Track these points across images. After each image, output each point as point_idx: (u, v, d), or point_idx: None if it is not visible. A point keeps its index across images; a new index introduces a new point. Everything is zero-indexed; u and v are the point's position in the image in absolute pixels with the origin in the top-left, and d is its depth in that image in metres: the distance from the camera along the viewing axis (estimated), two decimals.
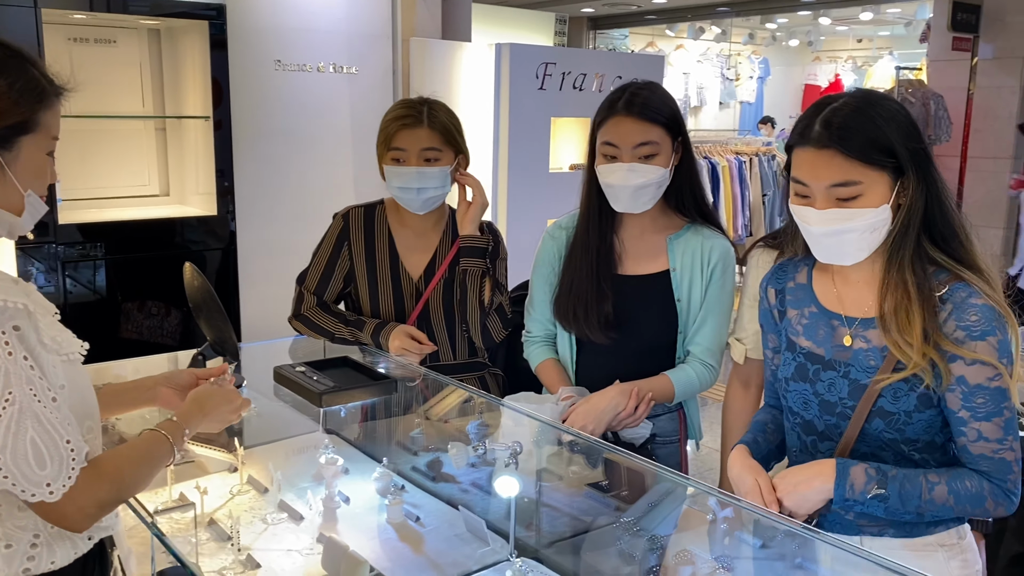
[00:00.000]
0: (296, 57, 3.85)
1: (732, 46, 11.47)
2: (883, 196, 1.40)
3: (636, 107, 1.92)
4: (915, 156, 1.40)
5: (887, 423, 1.46)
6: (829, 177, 1.40)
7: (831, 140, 1.39)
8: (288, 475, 1.92)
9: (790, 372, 1.56)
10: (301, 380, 1.80)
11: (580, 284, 2.02)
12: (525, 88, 4.28)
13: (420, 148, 2.16)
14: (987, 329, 1.38)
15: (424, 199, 2.19)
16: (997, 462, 1.41)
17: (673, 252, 2.02)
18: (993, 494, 1.41)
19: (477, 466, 1.88)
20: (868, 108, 1.41)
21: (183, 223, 3.59)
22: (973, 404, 1.40)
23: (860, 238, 1.42)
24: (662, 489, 1.67)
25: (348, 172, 4.07)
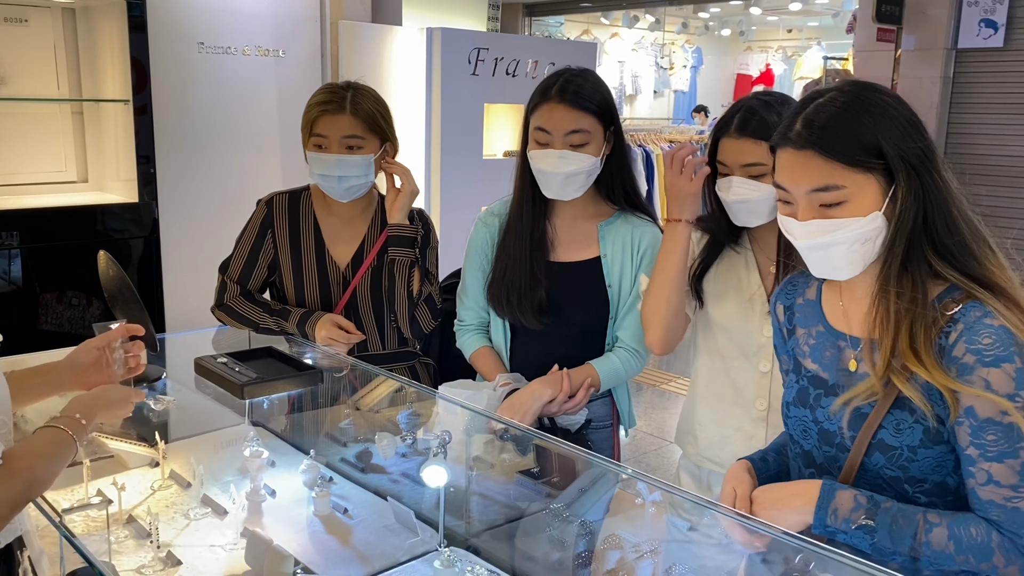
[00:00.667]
0: (220, 39, 3.73)
1: (666, 35, 11.58)
2: (873, 202, 1.25)
3: (569, 94, 1.92)
4: (908, 157, 1.24)
5: (888, 458, 1.29)
6: (808, 181, 1.26)
7: (810, 140, 1.25)
8: (212, 469, 1.87)
9: (792, 396, 1.44)
10: (223, 371, 1.75)
11: (514, 269, 2.03)
12: (457, 74, 4.24)
13: (341, 135, 2.11)
14: (1002, 355, 1.20)
15: (346, 187, 2.14)
16: (1010, 512, 1.20)
17: (604, 239, 2.04)
18: (1003, 548, 1.20)
19: (408, 456, 1.87)
20: (856, 103, 1.26)
21: (103, 210, 3.46)
22: (983, 441, 1.21)
23: (850, 251, 1.27)
24: (592, 475, 1.67)
25: (275, 158, 3.98)
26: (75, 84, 3.64)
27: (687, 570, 1.44)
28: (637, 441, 4.60)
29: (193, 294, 2.29)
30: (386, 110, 2.20)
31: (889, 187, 1.25)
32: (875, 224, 1.25)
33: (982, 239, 1.29)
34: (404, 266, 2.17)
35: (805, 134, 1.25)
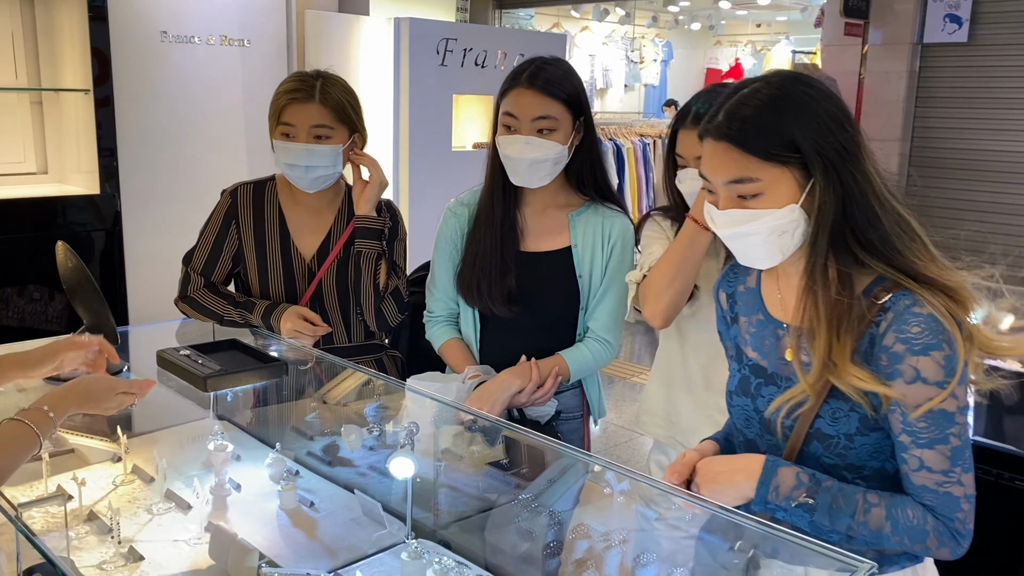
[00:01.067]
0: (183, 28, 3.68)
1: (636, 29, 11.60)
2: (790, 195, 1.26)
3: (539, 81, 1.92)
4: (826, 152, 1.25)
5: (826, 447, 1.32)
6: (725, 173, 1.28)
7: (728, 133, 1.27)
8: (176, 463, 1.84)
9: (734, 385, 1.47)
10: (185, 364, 1.72)
11: (484, 258, 2.02)
12: (426, 64, 4.21)
13: (310, 125, 2.07)
14: (930, 343, 1.21)
15: (313, 177, 2.11)
16: (942, 496, 1.24)
17: (575, 229, 2.04)
18: (937, 532, 1.24)
19: (376, 449, 1.85)
20: (778, 97, 1.26)
21: (64, 202, 3.40)
22: (915, 428, 1.24)
23: (766, 241, 1.29)
24: (561, 466, 1.67)
25: (240, 149, 3.93)
26: (34, 73, 3.56)
27: (655, 559, 1.44)
28: (608, 433, 4.61)
29: (156, 287, 2.25)
30: (356, 100, 2.18)
31: (807, 181, 1.26)
32: (791, 216, 1.27)
33: (910, 231, 1.29)
34: (370, 258, 2.15)
35: (724, 126, 1.27)
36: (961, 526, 1.24)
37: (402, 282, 2.22)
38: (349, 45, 4.24)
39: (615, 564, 1.47)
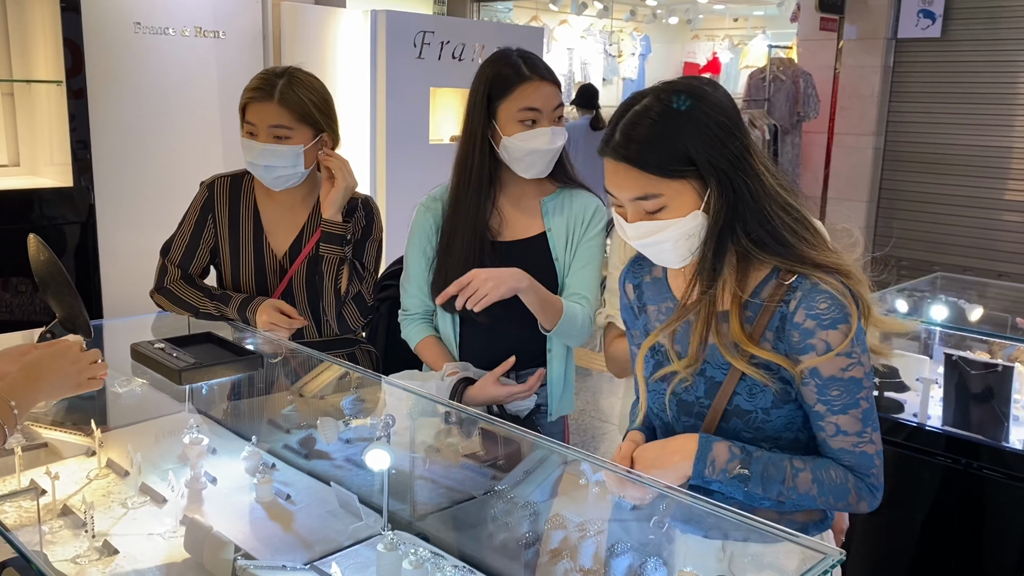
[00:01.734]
0: (157, 20, 3.64)
1: (614, 23, 11.61)
2: (692, 203, 1.34)
3: (542, 70, 1.95)
4: (717, 162, 1.31)
5: (744, 422, 1.39)
6: (628, 191, 1.35)
7: (626, 155, 1.32)
8: (151, 457, 1.83)
9: (649, 372, 1.52)
10: (160, 357, 1.72)
11: (463, 253, 1.98)
12: (402, 57, 4.20)
13: (268, 124, 2.05)
14: (837, 317, 1.31)
15: (273, 177, 2.09)
16: (858, 456, 1.34)
17: (548, 214, 2.04)
18: (857, 488, 1.35)
19: (352, 442, 1.85)
20: (667, 114, 1.32)
21: (36, 195, 3.35)
22: (828, 397, 1.33)
23: (676, 246, 1.37)
24: (537, 457, 1.68)
25: (216, 141, 3.89)
26: (5, 64, 3.51)
27: (629, 548, 1.46)
28: (584, 425, 4.64)
29: (131, 280, 2.24)
30: (322, 99, 2.12)
31: (705, 189, 1.33)
32: (696, 222, 1.34)
33: (805, 225, 1.38)
34: (333, 264, 2.12)
35: (622, 147, 1.33)
36: (876, 480, 1.35)
37: (367, 286, 2.18)
38: (325, 37, 4.22)
39: (590, 554, 1.49)
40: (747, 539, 1.32)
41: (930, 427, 2.34)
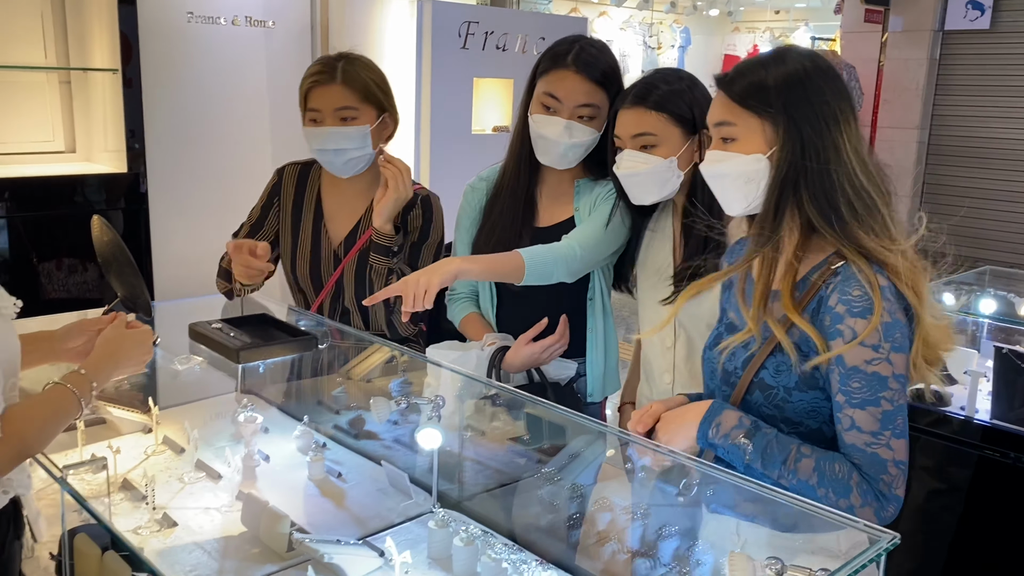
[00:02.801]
0: (209, 9, 3.70)
1: (654, 14, 11.53)
2: (760, 147, 1.38)
3: (583, 64, 1.91)
4: (793, 114, 1.35)
5: (766, 397, 1.40)
6: (712, 117, 1.44)
7: (723, 80, 1.43)
8: (205, 434, 1.88)
9: (709, 341, 1.56)
10: (218, 336, 1.76)
11: (502, 231, 2.02)
12: (448, 47, 4.22)
13: (334, 107, 2.05)
14: (869, 307, 1.29)
15: (344, 161, 2.09)
16: (869, 456, 1.30)
17: (578, 197, 2.04)
18: (861, 489, 1.29)
19: (400, 423, 1.88)
20: (775, 59, 1.40)
21: (91, 181, 3.44)
22: (849, 388, 1.31)
23: (735, 184, 1.42)
24: (583, 441, 1.70)
25: (265, 129, 3.96)
26: (63, 53, 3.60)
27: (676, 531, 1.47)
28: None
29: (181, 264, 2.28)
30: (382, 80, 2.14)
31: (777, 138, 1.36)
32: (757, 165, 1.37)
33: (873, 213, 1.36)
34: (381, 274, 2.10)
35: (726, 76, 1.42)
36: (887, 488, 1.29)
37: None
38: (372, 27, 4.26)
39: (637, 536, 1.50)
40: (796, 523, 1.32)
41: (978, 420, 2.32)
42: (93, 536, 1.38)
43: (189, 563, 1.43)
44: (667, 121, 1.80)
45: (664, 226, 1.98)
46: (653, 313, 1.96)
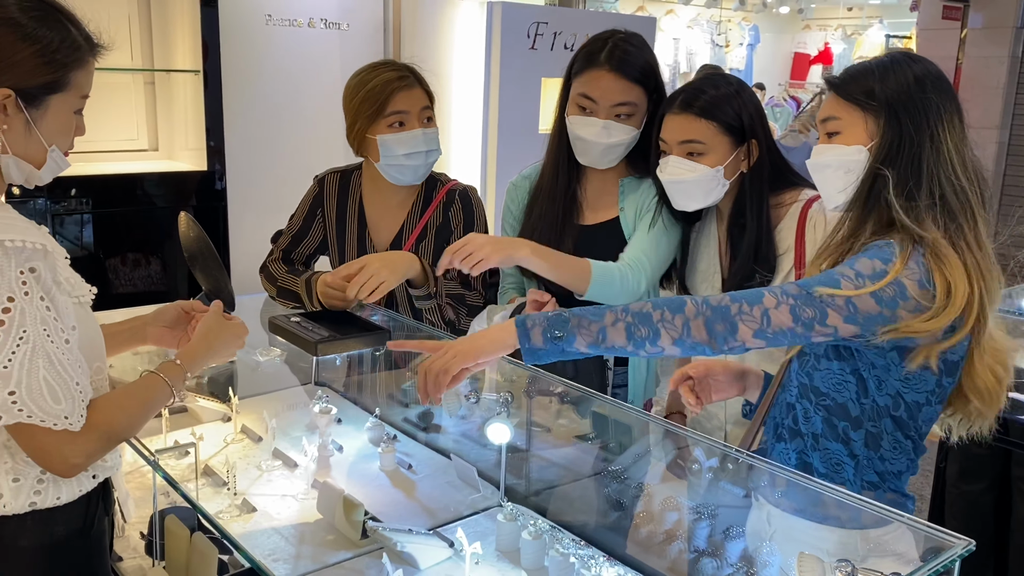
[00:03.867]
0: (287, 11, 3.81)
1: (723, 12, 11.39)
2: (861, 139, 1.42)
3: (616, 61, 1.88)
4: (894, 107, 1.39)
5: (801, 363, 1.48)
6: (823, 113, 1.49)
7: (832, 80, 1.48)
8: (281, 425, 1.94)
9: None
10: (296, 330, 1.82)
11: (542, 232, 2.01)
12: (516, 47, 4.25)
13: (420, 107, 2.07)
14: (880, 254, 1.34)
15: (430, 163, 2.10)
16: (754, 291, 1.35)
17: (623, 195, 2.03)
18: (695, 301, 1.32)
19: (467, 418, 1.92)
20: (880, 59, 1.46)
21: (173, 178, 3.58)
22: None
23: (835, 175, 1.46)
24: (649, 439, 1.71)
25: (337, 128, 4.02)
26: (148, 55, 3.74)
27: (743, 532, 1.48)
28: None
29: (257, 260, 2.36)
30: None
31: (879, 131, 1.39)
32: (858, 156, 1.41)
33: (968, 213, 1.36)
34: (433, 311, 2.10)
35: (836, 76, 1.48)
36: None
37: (478, 291, 2.12)
38: (443, 29, 4.32)
39: (704, 536, 1.51)
40: (865, 525, 1.32)
41: None
42: (182, 518, 1.44)
43: (268, 547, 1.49)
44: (715, 129, 1.78)
45: (709, 231, 1.97)
46: None
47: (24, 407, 1.14)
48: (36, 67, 1.20)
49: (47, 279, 1.18)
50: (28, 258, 1.15)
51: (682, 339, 1.30)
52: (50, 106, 1.23)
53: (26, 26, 1.19)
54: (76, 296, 1.26)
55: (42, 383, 1.14)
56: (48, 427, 1.16)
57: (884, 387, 1.40)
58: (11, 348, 1.12)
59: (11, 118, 1.20)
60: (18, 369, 1.13)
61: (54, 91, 1.23)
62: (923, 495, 3.39)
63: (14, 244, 1.13)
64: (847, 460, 1.45)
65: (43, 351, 1.15)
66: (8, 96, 1.19)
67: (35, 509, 1.22)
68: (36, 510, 1.23)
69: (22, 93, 1.20)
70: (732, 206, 1.87)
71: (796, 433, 1.50)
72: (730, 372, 1.63)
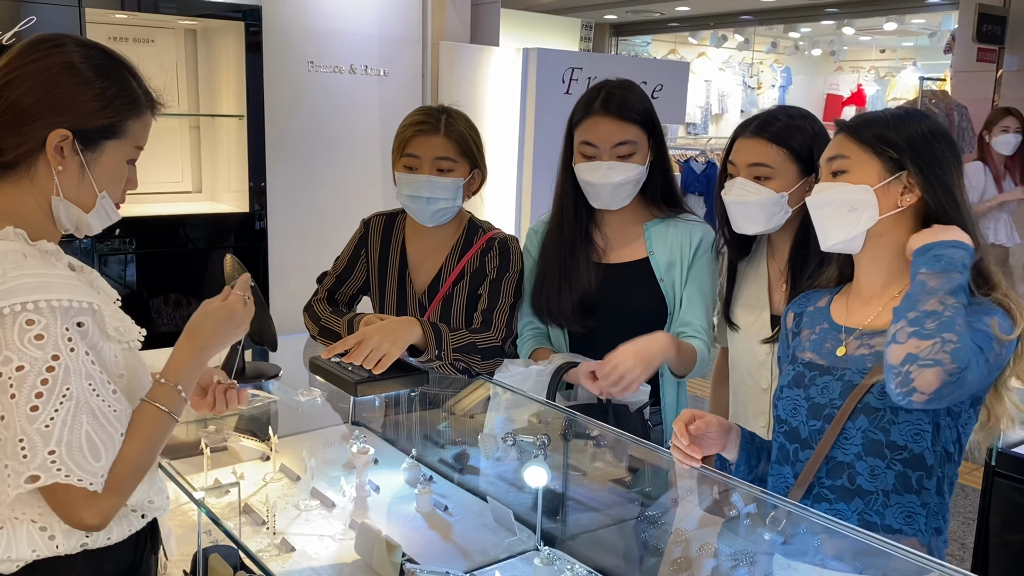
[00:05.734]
0: (329, 59, 3.92)
1: (755, 54, 11.47)
2: (869, 180, 1.46)
3: (613, 106, 1.97)
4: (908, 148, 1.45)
5: (871, 420, 1.43)
6: (829, 151, 1.54)
7: (845, 123, 1.52)
8: (319, 464, 1.97)
9: (787, 380, 1.57)
10: (336, 370, 1.85)
11: (552, 273, 2.07)
12: (551, 93, 4.31)
13: (434, 156, 2.08)
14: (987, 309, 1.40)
15: (434, 210, 2.11)
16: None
17: (651, 238, 2.07)
18: (968, 366, 1.29)
19: (502, 460, 1.92)
20: (891, 110, 1.53)
21: (215, 219, 3.66)
22: None
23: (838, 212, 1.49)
24: (685, 486, 1.71)
25: (376, 172, 4.13)
26: (194, 100, 3.86)
27: None
28: None
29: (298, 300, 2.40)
30: (478, 136, 2.18)
31: (889, 175, 1.44)
32: (864, 196, 1.45)
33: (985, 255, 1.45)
34: (458, 368, 2.07)
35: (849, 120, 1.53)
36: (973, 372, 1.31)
37: (495, 333, 2.08)
38: (479, 75, 4.41)
39: None
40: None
41: None
42: (225, 556, 1.46)
43: None
44: (785, 156, 1.83)
45: (758, 264, 1.98)
46: (747, 353, 1.96)
47: (63, 466, 1.13)
48: (95, 111, 1.24)
49: (94, 334, 1.19)
50: (75, 315, 1.16)
51: None
52: (105, 151, 1.27)
53: (88, 72, 1.23)
54: (126, 341, 1.28)
55: (83, 439, 1.14)
56: (83, 486, 1.14)
57: (953, 430, 1.43)
58: (54, 407, 1.13)
59: (67, 160, 1.24)
60: (59, 427, 1.13)
61: (110, 136, 1.26)
62: (965, 544, 3.32)
63: (60, 303, 1.15)
64: (919, 510, 1.44)
65: (87, 406, 1.15)
66: (66, 137, 1.22)
67: (86, 549, 1.24)
68: (87, 550, 1.24)
69: (79, 135, 1.23)
70: (793, 236, 1.90)
71: (855, 493, 1.47)
72: (722, 428, 1.60)
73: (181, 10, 3.58)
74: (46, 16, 3.16)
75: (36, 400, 1.12)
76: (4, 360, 1.12)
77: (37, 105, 1.21)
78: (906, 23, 9.23)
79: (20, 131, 1.21)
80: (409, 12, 4.18)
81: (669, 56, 10.62)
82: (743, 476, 1.60)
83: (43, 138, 1.21)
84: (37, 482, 1.12)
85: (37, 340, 1.13)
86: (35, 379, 1.12)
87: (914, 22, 9.35)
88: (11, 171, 1.24)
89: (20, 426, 1.12)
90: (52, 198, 1.25)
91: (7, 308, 1.12)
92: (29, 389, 1.12)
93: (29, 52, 1.23)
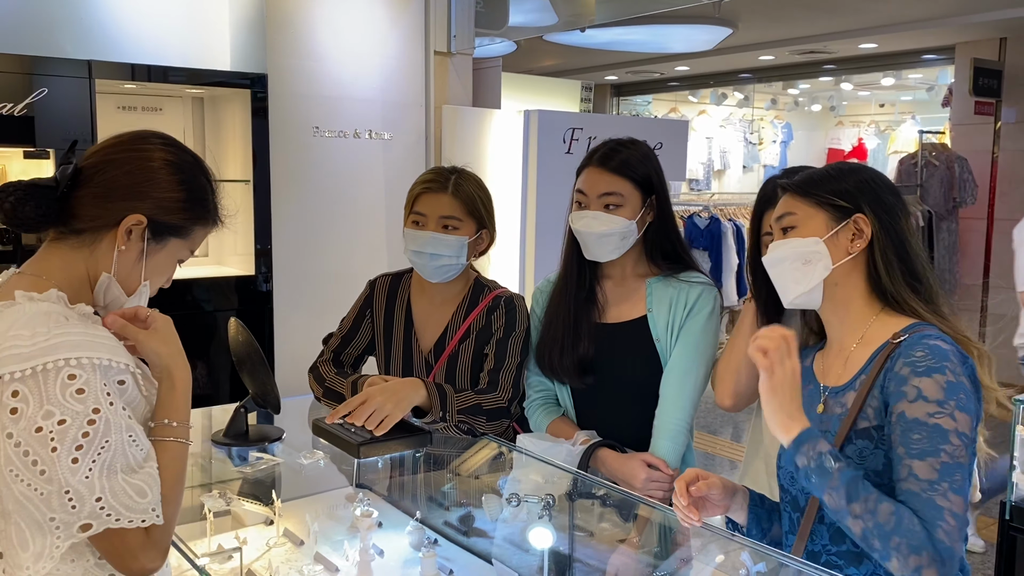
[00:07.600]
0: (334, 123, 3.99)
1: (755, 111, 11.62)
2: (817, 232, 1.50)
3: (608, 160, 2.03)
4: (859, 197, 1.50)
5: (870, 440, 1.44)
6: (777, 211, 1.58)
7: (789, 182, 1.57)
8: (323, 528, 1.94)
9: (783, 449, 1.55)
10: (339, 432, 1.84)
11: (556, 329, 2.09)
12: (553, 153, 4.37)
13: (440, 214, 2.12)
14: (933, 366, 1.35)
15: (436, 266, 2.14)
16: (924, 501, 1.30)
17: (651, 295, 2.08)
18: (934, 546, 1.27)
19: (508, 521, 1.90)
20: (834, 165, 1.58)
21: (221, 283, 3.69)
22: (909, 439, 1.34)
23: (793, 267, 1.54)
24: (694, 545, 1.68)
25: (381, 235, 4.17)
26: None
27: None
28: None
29: (302, 362, 2.40)
30: (487, 197, 2.22)
31: (836, 224, 1.49)
32: (815, 248, 1.49)
33: (929, 283, 1.50)
34: (461, 431, 2.09)
35: (789, 177, 1.59)
36: (944, 536, 1.28)
37: (501, 395, 2.10)
38: (482, 137, 4.48)
39: None
40: None
41: None
42: None
43: None
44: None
45: (788, 324, 1.96)
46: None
47: (112, 511, 1.15)
48: (176, 208, 1.32)
49: (134, 392, 1.24)
50: (116, 374, 1.20)
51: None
52: (167, 246, 1.34)
53: (182, 175, 1.33)
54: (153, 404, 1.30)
55: (125, 485, 1.17)
56: (135, 527, 1.17)
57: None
58: (92, 457, 1.15)
59: (131, 243, 1.30)
60: (98, 476, 1.15)
61: (177, 235, 1.34)
62: None
63: (102, 362, 1.18)
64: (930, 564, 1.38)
65: (123, 454, 1.18)
66: (140, 223, 1.29)
67: None
68: None
69: (153, 224, 1.30)
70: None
71: (862, 556, 1.44)
72: (726, 490, 1.59)
73: (189, 79, 3.66)
74: (57, 87, 3.24)
75: (77, 452, 1.14)
76: (46, 414, 1.14)
77: (129, 188, 1.29)
78: (903, 78, 9.36)
79: (104, 206, 1.28)
80: (412, 77, 4.27)
81: (670, 114, 10.77)
82: (756, 540, 1.58)
83: (121, 218, 1.28)
84: (89, 530, 1.15)
85: (79, 394, 1.15)
86: (76, 432, 1.15)
87: (911, 77, 9.47)
88: (76, 237, 1.30)
89: (64, 478, 1.14)
90: (103, 274, 1.30)
91: (50, 363, 1.15)
92: (71, 442, 1.14)
93: (138, 141, 1.33)
